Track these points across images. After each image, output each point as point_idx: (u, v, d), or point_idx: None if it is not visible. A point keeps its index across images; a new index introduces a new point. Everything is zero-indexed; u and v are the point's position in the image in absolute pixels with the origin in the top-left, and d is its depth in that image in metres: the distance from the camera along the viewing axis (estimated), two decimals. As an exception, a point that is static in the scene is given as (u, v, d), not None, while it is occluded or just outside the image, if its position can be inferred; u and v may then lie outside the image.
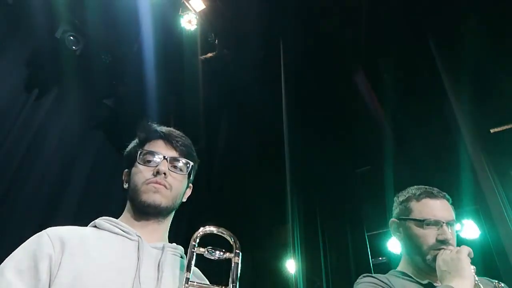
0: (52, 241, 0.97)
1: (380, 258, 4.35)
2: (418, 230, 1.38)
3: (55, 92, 3.52)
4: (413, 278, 1.37)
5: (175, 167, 1.17)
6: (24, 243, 1.00)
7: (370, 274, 1.41)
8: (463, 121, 3.08)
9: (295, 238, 3.61)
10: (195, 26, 3.93)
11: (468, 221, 3.53)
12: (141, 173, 1.13)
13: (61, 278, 0.90)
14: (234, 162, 4.72)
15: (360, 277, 1.42)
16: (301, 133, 4.16)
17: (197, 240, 1.00)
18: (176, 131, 1.25)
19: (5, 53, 3.21)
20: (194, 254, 0.99)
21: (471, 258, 1.27)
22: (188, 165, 1.19)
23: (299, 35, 4.06)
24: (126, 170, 1.20)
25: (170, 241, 1.18)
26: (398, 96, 3.96)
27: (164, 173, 1.12)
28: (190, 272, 0.96)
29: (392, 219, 1.52)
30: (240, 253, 0.98)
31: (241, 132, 4.67)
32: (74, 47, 3.55)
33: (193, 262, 0.98)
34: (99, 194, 3.62)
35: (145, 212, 1.12)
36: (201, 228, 1.01)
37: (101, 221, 1.10)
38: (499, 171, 2.86)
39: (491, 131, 3.49)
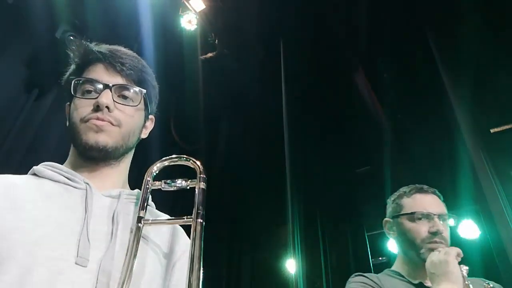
0: None
1: (380, 258, 4.36)
2: (410, 225, 1.41)
3: (55, 92, 3.52)
4: (405, 278, 1.38)
5: (124, 97, 0.92)
6: None
7: (361, 274, 1.42)
8: (463, 121, 3.08)
9: (295, 238, 3.61)
10: (195, 26, 3.93)
11: (468, 221, 3.53)
12: (79, 108, 0.90)
13: None
14: (234, 162, 4.72)
15: (352, 276, 1.43)
16: (301, 133, 4.16)
17: (153, 175, 0.84)
18: (123, 49, 0.99)
19: (5, 53, 3.21)
20: (149, 190, 0.83)
21: (461, 258, 1.28)
22: (141, 94, 0.95)
23: (299, 35, 4.06)
24: (67, 103, 0.98)
25: None
26: (398, 96, 3.96)
27: (107, 107, 0.88)
28: (144, 211, 0.80)
29: (385, 218, 1.55)
30: (206, 178, 0.82)
31: (241, 132, 4.67)
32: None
33: (148, 200, 0.82)
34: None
35: (91, 156, 0.89)
36: (158, 161, 0.86)
37: (41, 167, 0.89)
38: (499, 171, 2.86)
39: (491, 131, 3.48)
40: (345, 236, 4.36)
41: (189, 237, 0.80)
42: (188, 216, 0.79)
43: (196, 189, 0.82)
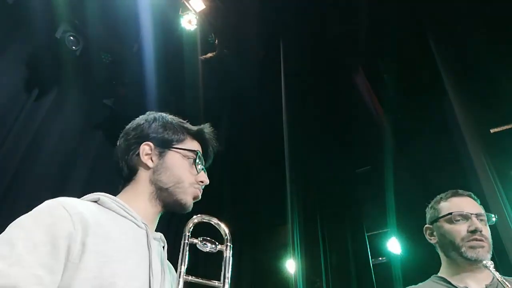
0: (72, 217, 0.83)
1: (380, 258, 4.35)
2: (448, 226, 1.44)
3: (55, 92, 3.52)
4: (450, 284, 1.39)
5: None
6: (33, 212, 0.84)
7: None
8: (463, 121, 3.07)
9: (295, 238, 3.61)
10: (195, 26, 3.93)
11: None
12: (186, 171, 1.07)
13: (87, 262, 0.79)
14: (234, 162, 4.71)
15: None
16: (301, 133, 4.16)
17: (191, 230, 0.95)
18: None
19: (5, 53, 3.21)
20: (188, 245, 0.93)
21: None
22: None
23: (299, 35, 4.05)
24: (157, 148, 1.06)
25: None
26: (398, 96, 3.95)
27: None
28: (184, 266, 0.90)
29: (425, 226, 1.58)
30: (231, 246, 0.95)
31: (241, 132, 4.66)
32: (74, 47, 3.55)
33: (186, 254, 0.92)
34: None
35: (170, 210, 1.06)
36: (195, 217, 0.97)
37: (106, 198, 0.98)
38: (499, 171, 2.85)
39: (491, 131, 3.48)
40: (345, 236, 4.36)
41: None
42: (218, 282, 0.91)
43: (224, 256, 0.94)
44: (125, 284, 0.82)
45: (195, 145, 1.13)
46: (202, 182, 1.08)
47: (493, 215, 1.47)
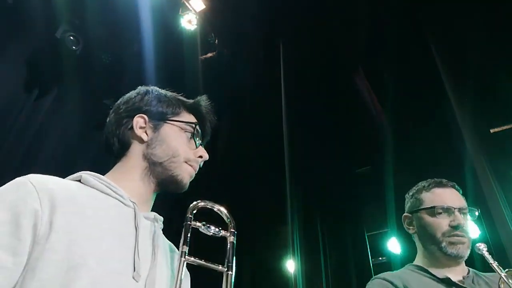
0: (39, 193, 0.76)
1: (380, 258, 4.35)
2: (430, 219, 1.40)
3: (55, 92, 3.52)
4: (430, 274, 1.35)
5: None
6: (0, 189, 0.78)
7: (381, 277, 1.37)
8: (463, 121, 3.07)
9: (295, 238, 3.61)
10: (195, 26, 3.93)
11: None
12: (184, 144, 1.00)
13: (54, 242, 0.72)
14: (234, 162, 4.71)
15: (372, 279, 1.41)
16: (301, 133, 4.16)
17: (194, 213, 0.90)
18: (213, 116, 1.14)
19: (5, 53, 3.21)
20: (190, 227, 0.88)
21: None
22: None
23: (299, 35, 4.06)
24: (151, 121, 1.01)
25: None
26: (398, 96, 3.95)
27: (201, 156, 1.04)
28: (187, 246, 0.85)
29: (404, 214, 1.54)
30: (236, 233, 0.91)
31: (241, 132, 4.66)
32: (74, 47, 3.55)
33: (188, 235, 0.87)
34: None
35: (165, 189, 0.99)
36: (198, 202, 0.92)
37: (88, 176, 0.91)
38: (499, 171, 2.85)
39: (491, 131, 3.48)
40: (345, 236, 4.36)
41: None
42: (222, 266, 0.85)
43: (228, 242, 0.88)
44: (97, 264, 0.74)
45: (191, 119, 1.06)
46: (201, 157, 1.03)
47: (475, 209, 1.44)
